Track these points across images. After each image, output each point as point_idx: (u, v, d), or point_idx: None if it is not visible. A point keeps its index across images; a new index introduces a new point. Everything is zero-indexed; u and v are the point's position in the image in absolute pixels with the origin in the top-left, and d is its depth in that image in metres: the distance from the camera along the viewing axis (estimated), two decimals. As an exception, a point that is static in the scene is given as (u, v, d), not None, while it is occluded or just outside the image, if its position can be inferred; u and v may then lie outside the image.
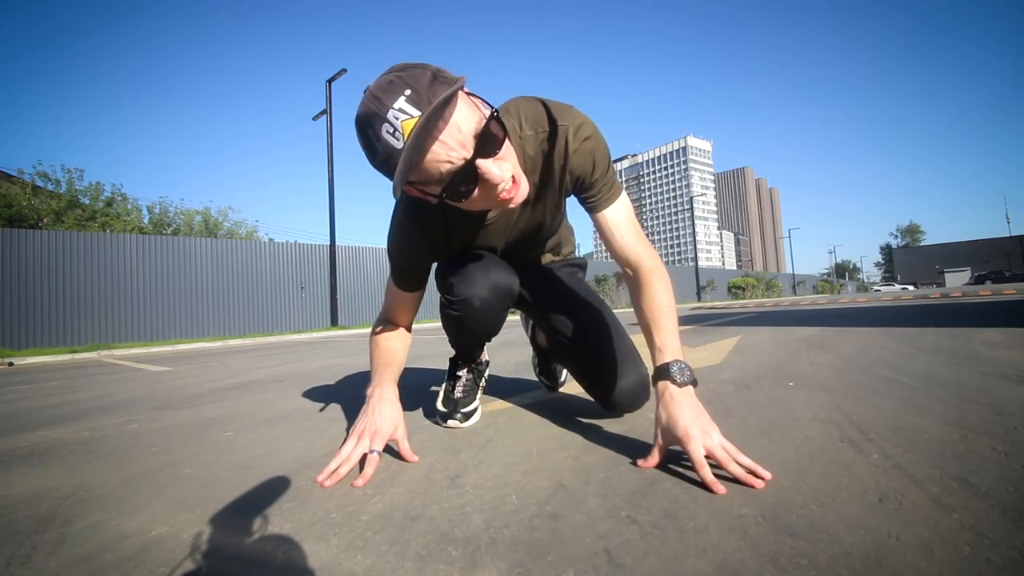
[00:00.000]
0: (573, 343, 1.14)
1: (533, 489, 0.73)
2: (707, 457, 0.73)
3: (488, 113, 0.73)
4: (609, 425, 1.07)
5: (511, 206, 0.80)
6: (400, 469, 0.86)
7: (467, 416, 1.16)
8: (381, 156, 0.70)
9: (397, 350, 1.10)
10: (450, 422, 1.14)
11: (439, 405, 1.19)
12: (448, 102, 0.67)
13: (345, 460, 0.84)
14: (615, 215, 0.97)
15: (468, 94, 0.74)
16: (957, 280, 54.25)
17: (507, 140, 0.76)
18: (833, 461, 0.77)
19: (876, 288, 57.84)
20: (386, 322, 1.14)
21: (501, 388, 1.60)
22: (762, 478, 0.70)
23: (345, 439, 0.91)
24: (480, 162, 0.72)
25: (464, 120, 0.70)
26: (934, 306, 5.98)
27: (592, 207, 0.97)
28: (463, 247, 1.06)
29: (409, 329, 1.17)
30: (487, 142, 0.72)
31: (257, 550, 0.59)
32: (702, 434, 0.76)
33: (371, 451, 0.86)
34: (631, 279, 0.98)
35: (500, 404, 1.36)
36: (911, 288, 46.28)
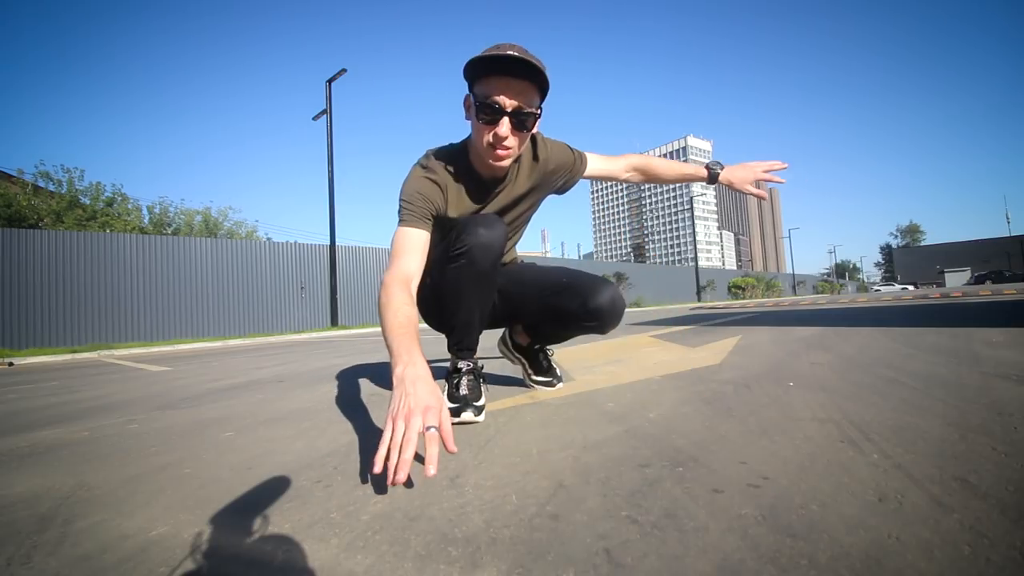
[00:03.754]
0: (553, 290, 1.31)
1: (533, 489, 0.73)
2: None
3: (536, 113, 1.10)
4: (609, 425, 1.07)
5: (494, 161, 1.12)
6: (400, 469, 0.86)
7: (479, 410, 1.18)
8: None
9: (414, 317, 0.98)
10: (464, 415, 1.14)
11: (447, 403, 1.19)
12: (534, 73, 1.04)
13: (406, 442, 0.68)
14: (599, 164, 1.43)
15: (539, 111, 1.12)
16: (957, 280, 54.25)
17: (527, 139, 1.16)
18: (833, 461, 0.77)
19: (876, 288, 57.85)
20: (395, 278, 1.05)
21: (501, 388, 1.60)
22: (779, 166, 1.46)
23: (387, 425, 0.73)
24: (506, 119, 1.06)
25: (528, 99, 1.07)
26: (934, 306, 5.98)
27: (579, 173, 1.39)
28: (469, 208, 1.24)
29: (416, 281, 1.11)
30: (522, 118, 1.07)
31: (257, 550, 0.59)
32: (749, 171, 1.47)
33: (428, 427, 0.72)
34: (639, 172, 1.50)
35: (500, 404, 1.36)
36: (911, 288, 46.28)
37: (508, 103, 1.04)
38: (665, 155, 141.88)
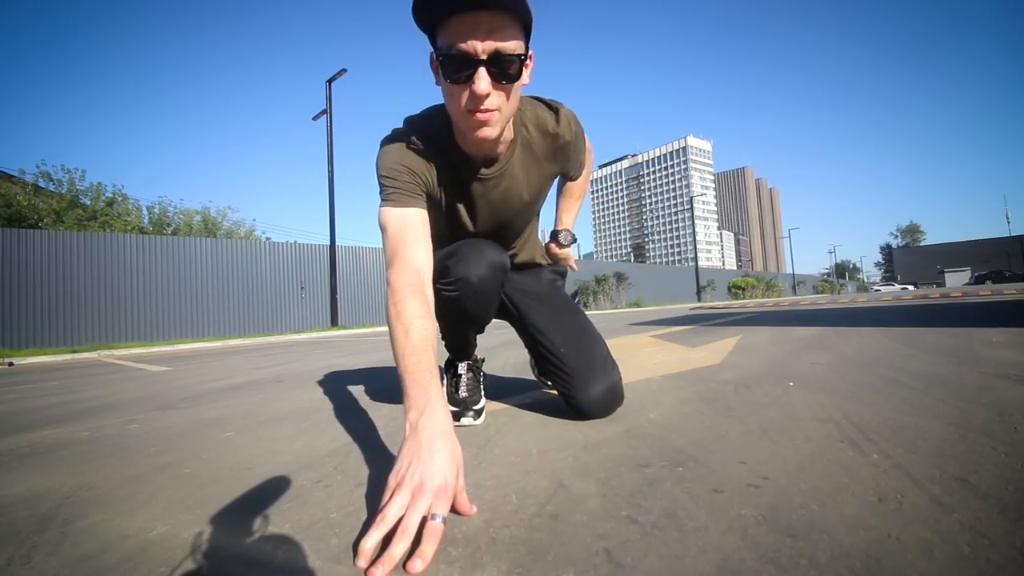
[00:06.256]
0: (548, 351, 1.14)
1: (533, 489, 0.73)
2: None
3: (521, 53, 0.81)
4: (609, 425, 1.07)
5: (475, 130, 0.85)
6: (400, 469, 0.86)
7: (478, 414, 1.18)
8: None
9: (431, 335, 0.81)
10: (463, 420, 1.15)
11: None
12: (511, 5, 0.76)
13: (402, 532, 0.55)
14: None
15: (528, 54, 0.84)
16: (957, 280, 54.31)
17: (517, 97, 0.87)
18: (833, 461, 0.77)
19: (876, 288, 57.88)
20: (404, 280, 0.85)
21: (501, 388, 1.60)
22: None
23: (388, 494, 0.61)
24: (482, 70, 0.78)
25: (506, 36, 0.78)
26: (934, 306, 5.98)
27: (573, 176, 1.20)
28: (453, 196, 1.04)
29: (429, 281, 0.90)
30: (503, 64, 0.79)
31: (257, 550, 0.59)
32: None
33: (433, 516, 0.57)
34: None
35: (500, 404, 1.36)
36: (911, 288, 46.32)
37: (481, 47, 0.77)
38: (665, 155, 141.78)
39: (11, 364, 5.20)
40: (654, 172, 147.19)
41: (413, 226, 0.91)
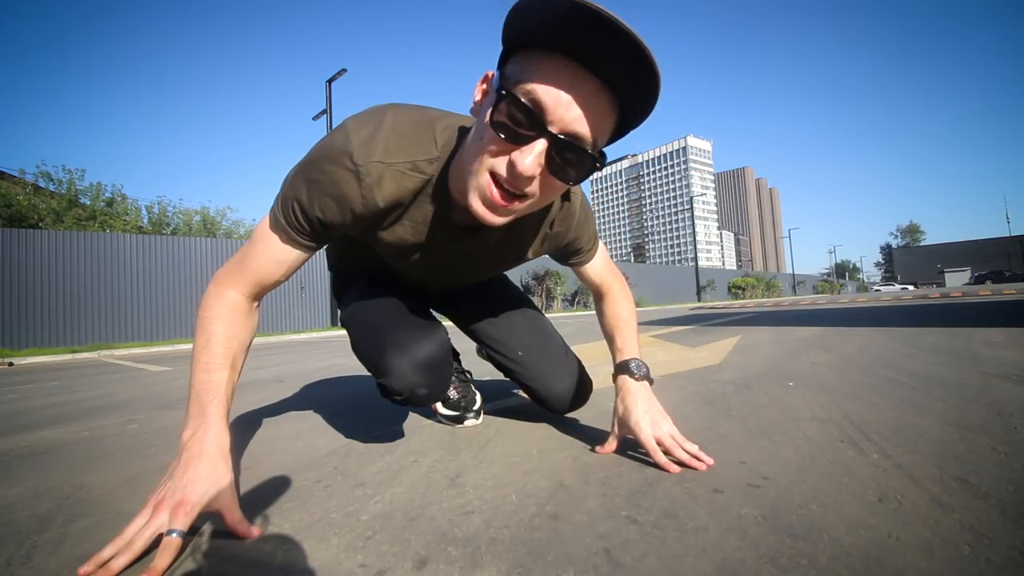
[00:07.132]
0: (505, 356, 1.10)
1: (533, 489, 0.73)
2: (658, 444, 0.81)
3: (596, 154, 0.60)
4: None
5: (482, 209, 0.62)
6: (400, 469, 0.86)
7: (478, 414, 1.19)
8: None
9: (238, 357, 0.75)
10: (467, 423, 1.16)
11: (443, 411, 1.19)
12: (640, 79, 0.54)
13: (126, 547, 0.55)
14: (596, 267, 1.01)
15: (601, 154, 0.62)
16: (957, 280, 54.37)
17: (556, 191, 0.64)
18: (833, 461, 0.77)
19: (876, 288, 57.89)
20: (245, 287, 0.76)
21: (501, 388, 1.60)
22: (705, 463, 0.78)
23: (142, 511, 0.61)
24: (542, 144, 0.56)
25: (598, 126, 0.57)
26: (934, 306, 5.99)
27: (576, 263, 0.99)
28: (406, 234, 0.79)
29: (259, 302, 0.81)
30: (569, 157, 0.58)
31: (257, 550, 0.59)
32: (652, 425, 0.84)
33: (169, 532, 0.57)
34: (598, 297, 1.05)
35: (500, 405, 1.36)
36: (911, 288, 46.36)
37: (560, 117, 0.55)
38: (665, 155, 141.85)
39: (11, 364, 5.20)
40: (654, 172, 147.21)
41: (285, 261, 0.77)
